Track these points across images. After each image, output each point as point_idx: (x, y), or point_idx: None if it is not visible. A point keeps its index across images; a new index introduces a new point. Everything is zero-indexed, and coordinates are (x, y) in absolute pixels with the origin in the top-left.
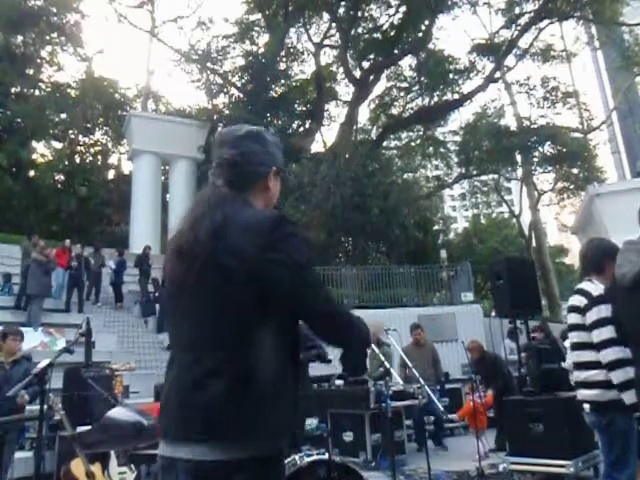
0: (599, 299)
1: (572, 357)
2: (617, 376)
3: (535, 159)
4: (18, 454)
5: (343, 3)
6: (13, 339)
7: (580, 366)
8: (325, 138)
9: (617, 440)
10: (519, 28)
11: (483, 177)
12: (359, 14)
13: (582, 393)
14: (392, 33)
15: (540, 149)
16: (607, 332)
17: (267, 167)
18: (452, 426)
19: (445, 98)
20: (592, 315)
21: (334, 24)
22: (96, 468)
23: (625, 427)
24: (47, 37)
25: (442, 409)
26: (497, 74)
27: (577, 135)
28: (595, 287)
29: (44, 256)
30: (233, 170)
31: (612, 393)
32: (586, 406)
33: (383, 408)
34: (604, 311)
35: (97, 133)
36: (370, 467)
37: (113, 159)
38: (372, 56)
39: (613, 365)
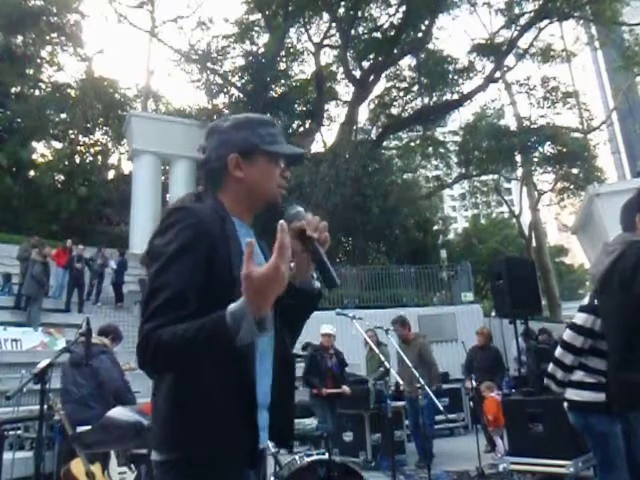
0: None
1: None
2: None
3: (535, 159)
4: (18, 454)
5: (343, 3)
6: None
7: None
8: (325, 138)
9: (597, 442)
10: (519, 28)
11: (483, 177)
12: (359, 14)
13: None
14: (392, 33)
15: (540, 149)
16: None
17: (222, 159)
18: (452, 426)
19: (445, 98)
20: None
21: (334, 24)
22: (96, 468)
23: (603, 429)
24: (47, 37)
25: (442, 409)
26: (497, 74)
27: (577, 135)
28: None
29: (42, 256)
30: (202, 173)
31: (586, 394)
32: (565, 404)
33: (383, 408)
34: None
35: (97, 133)
36: (370, 467)
37: (113, 159)
38: (372, 56)
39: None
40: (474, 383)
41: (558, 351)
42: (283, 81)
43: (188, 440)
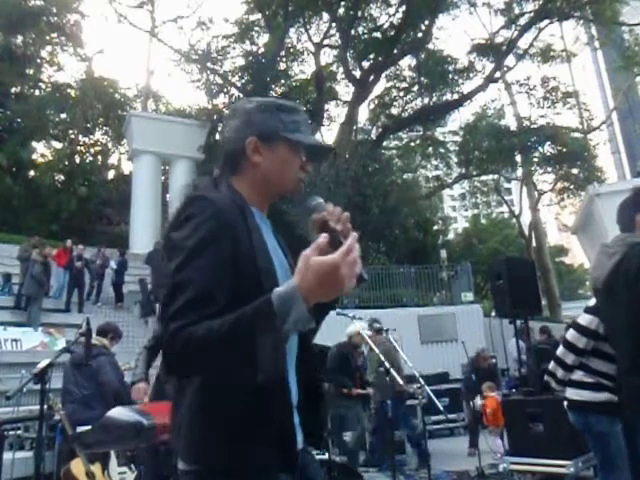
0: None
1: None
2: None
3: (535, 159)
4: (18, 454)
5: (343, 3)
6: None
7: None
8: (325, 138)
9: (597, 442)
10: (519, 28)
11: (483, 177)
12: (359, 14)
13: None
14: (392, 33)
15: (540, 149)
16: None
17: (241, 141)
18: (452, 426)
19: (445, 98)
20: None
21: (334, 24)
22: (96, 468)
23: (603, 428)
24: (47, 37)
25: (442, 409)
26: (497, 74)
27: (577, 135)
28: None
29: (42, 257)
30: (221, 155)
31: (586, 393)
32: (565, 403)
33: (385, 407)
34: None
35: (97, 133)
36: (370, 467)
37: (113, 159)
38: (372, 56)
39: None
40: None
41: (560, 350)
42: (283, 81)
43: (218, 450)
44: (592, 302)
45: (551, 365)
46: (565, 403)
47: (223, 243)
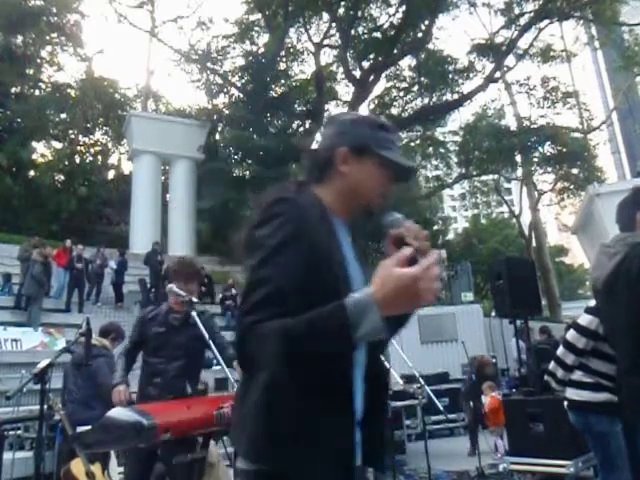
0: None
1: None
2: None
3: (535, 159)
4: (18, 454)
5: (343, 3)
6: None
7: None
8: None
9: (597, 442)
10: (519, 28)
11: (483, 177)
12: (359, 14)
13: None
14: (392, 33)
15: (540, 149)
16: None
17: (331, 149)
18: (452, 426)
19: (445, 98)
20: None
21: (334, 24)
22: (96, 468)
23: (603, 428)
24: (47, 37)
25: (442, 409)
26: (497, 74)
27: (577, 135)
28: None
29: (43, 257)
30: (308, 162)
31: (586, 393)
32: (565, 403)
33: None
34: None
35: (97, 133)
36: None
37: (113, 159)
38: (372, 56)
39: None
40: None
41: (560, 350)
42: (283, 81)
43: (281, 451)
44: (592, 302)
45: (551, 365)
46: (565, 403)
47: (303, 245)
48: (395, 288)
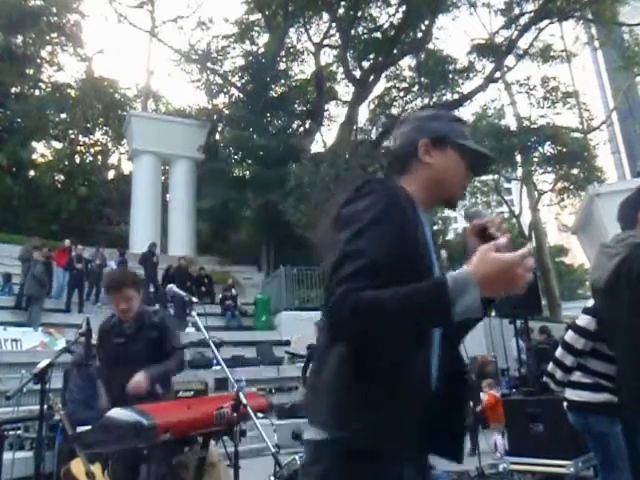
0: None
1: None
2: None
3: (535, 159)
4: (18, 454)
5: (343, 3)
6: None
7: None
8: (325, 138)
9: (597, 442)
10: (519, 28)
11: (483, 177)
12: (359, 14)
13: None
14: (392, 33)
15: (540, 149)
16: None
17: (413, 143)
18: None
19: (445, 98)
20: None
21: (334, 24)
22: (96, 468)
23: (602, 429)
24: (47, 37)
25: None
26: (497, 74)
27: (577, 135)
28: None
29: (45, 257)
30: (387, 159)
31: (585, 394)
32: (564, 404)
33: None
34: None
35: (97, 133)
36: None
37: (113, 159)
38: (372, 56)
39: None
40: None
41: (559, 351)
42: (283, 81)
43: (365, 419)
44: (590, 303)
45: (550, 366)
46: (565, 404)
47: (395, 223)
48: (495, 270)
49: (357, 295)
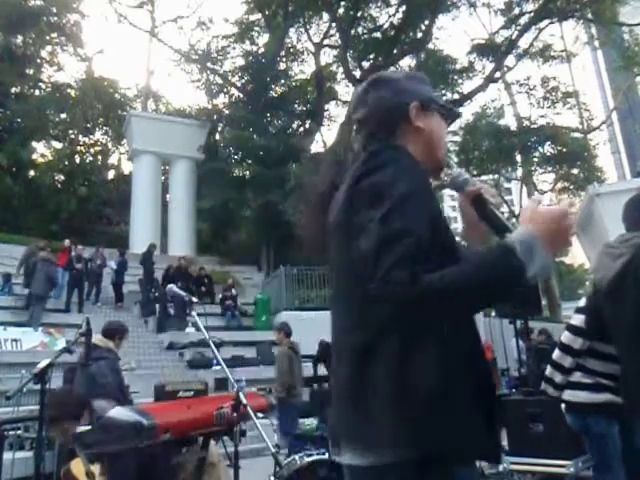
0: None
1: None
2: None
3: (535, 159)
4: (18, 454)
5: (343, 3)
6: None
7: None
8: (325, 138)
9: (595, 443)
10: (519, 28)
11: (483, 177)
12: (359, 14)
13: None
14: (392, 33)
15: (540, 149)
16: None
17: (402, 107)
18: None
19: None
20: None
21: (334, 24)
22: (96, 468)
23: (601, 430)
24: (47, 37)
25: None
26: (497, 74)
27: (577, 135)
28: None
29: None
30: (365, 128)
31: (583, 394)
32: (562, 406)
33: None
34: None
35: (97, 133)
36: None
37: (113, 159)
38: (372, 56)
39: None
40: None
41: (556, 354)
42: (283, 81)
43: (434, 432)
44: (582, 302)
45: (548, 371)
46: (563, 406)
47: (426, 193)
48: (547, 224)
49: (424, 277)
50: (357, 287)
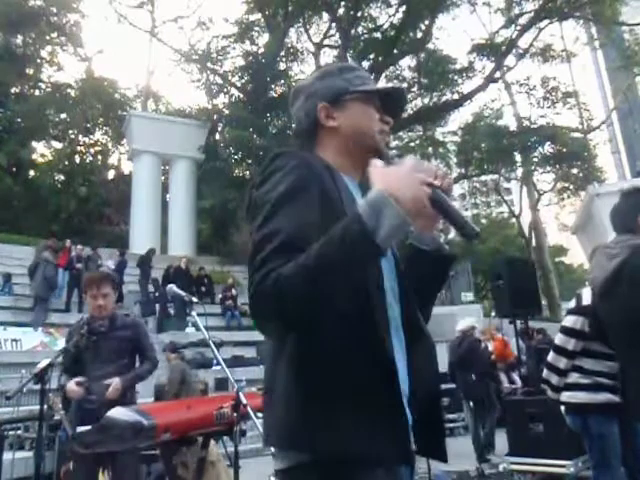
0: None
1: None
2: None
3: (535, 159)
4: (18, 454)
5: (343, 3)
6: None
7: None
8: None
9: (594, 443)
10: (519, 28)
11: (483, 177)
12: (359, 14)
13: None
14: (392, 33)
15: (540, 149)
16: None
17: (310, 112)
18: (452, 426)
19: (445, 98)
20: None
21: (334, 24)
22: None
23: (601, 430)
24: (47, 37)
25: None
26: (497, 74)
27: (577, 135)
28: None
29: (54, 256)
30: (295, 138)
31: (582, 395)
32: (562, 407)
33: None
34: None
35: (97, 133)
36: None
37: (113, 159)
38: (372, 56)
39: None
40: None
41: (551, 356)
42: (283, 81)
43: (326, 435)
44: (572, 303)
45: (544, 373)
46: (562, 407)
47: (313, 190)
48: (397, 179)
49: (275, 273)
50: None
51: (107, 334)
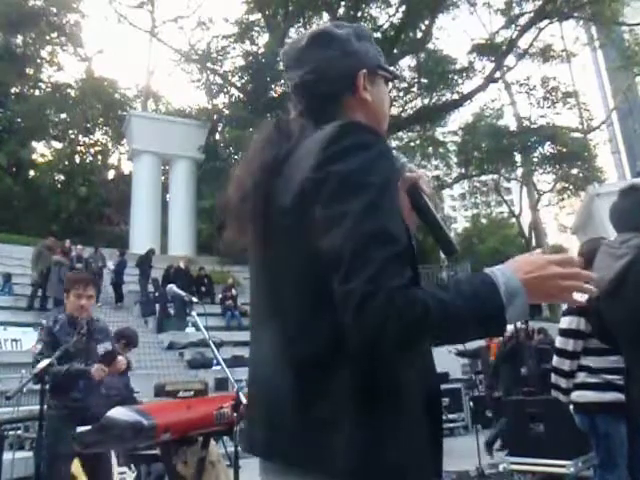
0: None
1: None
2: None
3: (535, 159)
4: (18, 454)
5: (343, 3)
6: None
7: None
8: None
9: (600, 442)
10: (519, 28)
11: (483, 177)
12: (359, 14)
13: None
14: (392, 33)
15: (540, 149)
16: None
17: (348, 76)
18: (452, 426)
19: (445, 98)
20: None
21: None
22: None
23: (609, 429)
24: (47, 37)
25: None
26: (497, 74)
27: (577, 135)
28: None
29: (65, 258)
30: (306, 94)
31: (590, 394)
32: (571, 407)
33: None
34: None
35: (97, 133)
36: None
37: (113, 159)
38: None
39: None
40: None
41: (555, 360)
42: (283, 81)
43: (389, 467)
44: (565, 305)
45: (552, 378)
46: (571, 407)
47: (396, 188)
48: (545, 280)
49: (421, 298)
50: (310, 288)
51: (91, 336)
